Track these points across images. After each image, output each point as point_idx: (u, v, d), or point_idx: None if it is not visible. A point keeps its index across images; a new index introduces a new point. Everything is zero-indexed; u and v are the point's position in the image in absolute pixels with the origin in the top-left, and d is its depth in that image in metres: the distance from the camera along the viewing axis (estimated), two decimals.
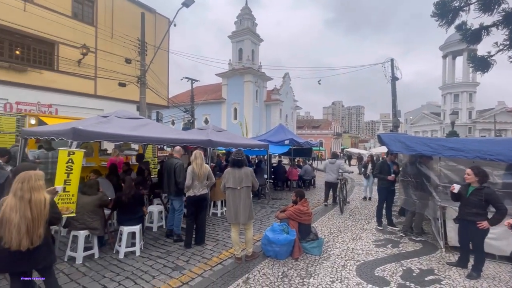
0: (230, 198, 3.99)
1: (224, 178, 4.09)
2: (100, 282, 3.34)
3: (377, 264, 4.03)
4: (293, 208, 4.48)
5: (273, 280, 3.49)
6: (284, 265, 3.93)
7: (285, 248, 4.08)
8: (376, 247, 4.77)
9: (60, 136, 4.37)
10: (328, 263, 4.05)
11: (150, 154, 10.34)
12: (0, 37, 10.88)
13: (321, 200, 9.09)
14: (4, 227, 2.21)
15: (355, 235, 5.42)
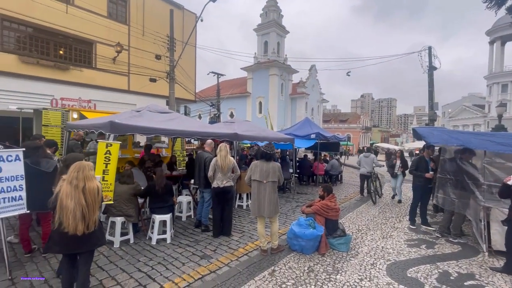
0: (255, 191, 4.01)
1: (251, 170, 4.10)
2: (135, 265, 3.57)
3: (409, 265, 3.83)
4: (320, 203, 4.40)
5: (299, 274, 3.48)
6: (310, 260, 3.89)
7: (312, 243, 4.03)
8: (409, 247, 4.52)
9: (99, 129, 4.69)
10: (356, 260, 3.93)
11: (178, 147, 10.74)
12: (46, 38, 11.88)
13: (348, 196, 8.83)
14: (62, 213, 2.44)
15: (385, 233, 5.19)
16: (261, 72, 35.96)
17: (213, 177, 4.65)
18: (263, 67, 35.44)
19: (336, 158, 11.82)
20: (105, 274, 3.32)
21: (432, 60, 13.31)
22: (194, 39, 16.48)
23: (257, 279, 3.33)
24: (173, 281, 3.22)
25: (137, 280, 3.20)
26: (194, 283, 3.19)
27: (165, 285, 3.12)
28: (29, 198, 3.32)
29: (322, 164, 10.85)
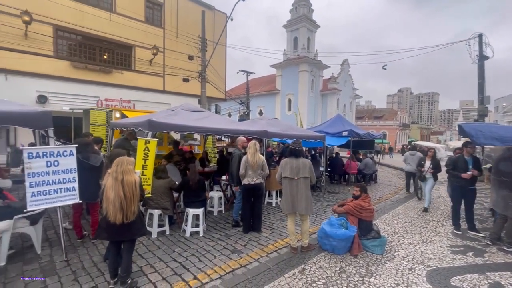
0: (287, 188, 3.98)
1: (281, 167, 4.09)
2: (171, 255, 3.79)
3: (453, 273, 3.53)
4: (353, 203, 4.24)
5: (330, 274, 3.40)
6: (342, 261, 3.78)
7: (343, 244, 3.91)
8: (453, 253, 4.17)
9: (139, 127, 5.03)
10: (392, 264, 3.73)
11: (210, 144, 11.09)
12: (92, 45, 13.01)
13: (383, 196, 8.38)
14: (106, 203, 2.71)
15: (425, 237, 4.83)
16: (290, 68, 35.48)
17: (244, 174, 4.73)
18: (292, 64, 34.92)
19: (371, 157, 11.24)
20: (144, 261, 3.58)
21: (483, 48, 11.97)
22: (224, 39, 16.82)
23: (287, 276, 3.33)
24: (206, 272, 3.35)
25: (173, 269, 3.39)
26: (225, 276, 3.29)
27: (198, 275, 3.27)
28: (79, 189, 3.70)
29: (355, 162, 10.42)
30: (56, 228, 4.59)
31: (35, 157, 3.22)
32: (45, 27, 11.25)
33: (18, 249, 3.75)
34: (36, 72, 11.10)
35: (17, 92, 10.32)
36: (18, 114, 3.18)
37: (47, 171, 3.31)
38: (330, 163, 10.61)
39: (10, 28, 10.33)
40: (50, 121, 3.44)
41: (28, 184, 3.18)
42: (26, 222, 3.55)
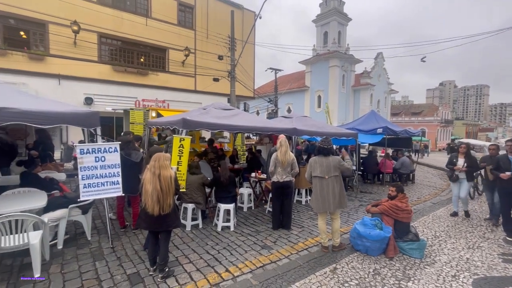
0: (318, 187, 3.91)
1: (310, 166, 4.02)
2: (204, 248, 3.96)
3: (505, 283, 3.21)
4: (388, 203, 4.04)
5: (363, 275, 3.30)
6: (376, 262, 3.63)
7: (378, 245, 3.75)
8: (505, 262, 3.77)
9: (173, 125, 5.31)
10: (432, 269, 3.49)
11: (239, 141, 11.28)
12: (131, 49, 13.95)
13: (422, 197, 7.84)
14: (145, 195, 2.92)
15: (471, 243, 4.44)
16: (320, 64, 34.56)
17: (274, 172, 4.76)
18: (322, 59, 33.98)
19: (408, 156, 10.55)
20: (180, 252, 3.79)
21: None
22: (253, 37, 16.92)
23: (318, 274, 3.30)
24: (237, 266, 3.45)
25: (206, 261, 3.54)
26: (256, 270, 3.35)
27: (230, 268, 3.38)
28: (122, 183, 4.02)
29: (391, 161, 9.87)
30: (102, 218, 5.05)
31: (86, 153, 3.58)
32: (91, 35, 12.31)
33: (72, 235, 4.20)
34: (83, 76, 12.23)
35: (68, 94, 11.47)
36: (71, 114, 3.55)
37: (96, 166, 3.66)
38: (363, 161, 10.18)
39: (62, 38, 11.49)
40: (98, 121, 3.79)
41: (80, 177, 3.56)
42: (79, 211, 3.97)
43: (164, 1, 14.53)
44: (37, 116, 3.14)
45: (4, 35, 11.04)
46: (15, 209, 3.11)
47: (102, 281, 3.01)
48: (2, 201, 3.53)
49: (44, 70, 11.41)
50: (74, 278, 3.05)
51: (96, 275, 3.12)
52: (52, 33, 11.46)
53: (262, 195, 6.58)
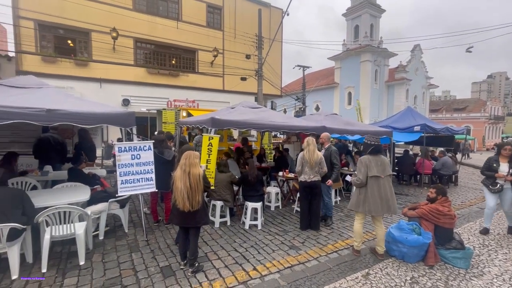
0: (375, 188, 3.53)
1: (366, 166, 3.58)
2: (232, 245, 4.01)
3: None
4: (428, 207, 3.73)
5: (399, 282, 3.09)
6: (413, 270, 3.38)
7: (416, 251, 3.49)
8: None
9: (203, 124, 5.45)
10: (480, 281, 3.16)
11: (266, 140, 11.25)
12: (163, 52, 14.62)
13: (467, 202, 7.15)
14: (175, 192, 3.03)
15: None
16: (351, 59, 33.18)
17: (301, 171, 4.67)
18: (353, 54, 32.57)
19: (450, 155, 9.68)
20: (209, 248, 3.88)
21: None
22: (280, 35, 16.77)
23: (349, 279, 3.16)
24: (265, 265, 3.44)
25: (234, 258, 3.58)
26: (284, 271, 3.31)
27: (257, 267, 3.38)
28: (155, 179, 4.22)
29: (430, 161, 9.15)
30: (138, 212, 5.36)
31: (123, 151, 3.82)
32: (127, 40, 13.14)
33: (111, 227, 4.51)
34: (121, 79, 13.11)
35: (108, 96, 12.37)
36: (110, 115, 3.81)
37: (132, 163, 3.89)
38: (398, 161, 9.57)
39: (102, 44, 12.42)
40: (134, 120, 4.02)
41: (118, 173, 3.80)
42: (117, 205, 4.25)
43: (193, 4, 15.00)
44: (83, 117, 3.42)
45: (55, 44, 12.24)
46: (63, 202, 3.42)
47: (138, 271, 3.19)
48: (53, 194, 3.91)
49: (88, 74, 12.44)
50: (113, 267, 3.28)
51: (132, 266, 3.32)
52: (94, 40, 12.45)
53: (289, 195, 6.50)
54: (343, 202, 6.73)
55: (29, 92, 3.80)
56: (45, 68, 11.54)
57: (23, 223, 2.97)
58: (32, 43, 11.42)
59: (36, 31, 11.53)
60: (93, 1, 12.31)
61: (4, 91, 3.66)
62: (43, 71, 11.23)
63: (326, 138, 5.13)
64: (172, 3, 14.67)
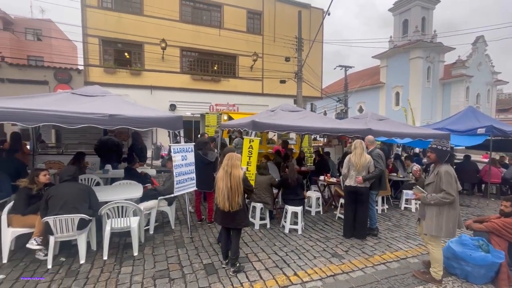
0: (457, 205, 3.03)
1: (454, 179, 2.99)
2: (272, 248, 3.99)
3: None
4: (500, 221, 3.23)
5: None
6: None
7: (483, 271, 3.04)
8: None
9: (244, 127, 5.56)
10: None
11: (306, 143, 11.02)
12: (205, 59, 15.38)
13: None
14: (217, 192, 3.14)
15: None
16: (399, 57, 30.75)
17: (346, 175, 4.46)
18: (401, 51, 30.12)
19: None
20: (249, 249, 3.92)
21: None
22: (321, 35, 16.38)
23: None
24: (306, 271, 3.34)
25: (274, 262, 3.56)
26: (327, 279, 3.18)
27: (298, 272, 3.30)
28: (199, 180, 4.43)
29: (498, 168, 7.96)
30: (183, 210, 5.68)
31: (177, 152, 4.11)
32: (174, 50, 14.14)
33: (160, 223, 4.85)
34: (168, 86, 14.14)
35: (157, 102, 13.45)
36: (161, 119, 4.13)
37: (182, 164, 4.15)
38: (457, 168, 8.51)
39: (153, 54, 13.58)
40: (181, 124, 4.29)
41: (175, 173, 4.09)
42: (165, 202, 4.56)
43: (234, 11, 15.52)
44: (139, 121, 3.77)
45: (114, 57, 13.78)
46: (121, 197, 3.79)
47: (183, 267, 3.37)
48: (112, 190, 4.37)
49: (140, 82, 13.71)
50: (162, 260, 3.52)
51: (179, 261, 3.51)
52: (146, 51, 13.69)
53: (331, 200, 6.25)
54: (391, 210, 6.23)
55: (95, 100, 4.32)
56: (107, 78, 13.05)
57: (90, 215, 3.37)
58: (97, 57, 13.03)
59: (99, 46, 13.14)
60: (145, 16, 13.56)
61: (76, 100, 4.23)
62: (105, 81, 12.71)
63: (370, 141, 4.81)
64: (214, 12, 15.40)
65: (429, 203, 3.06)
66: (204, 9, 15.29)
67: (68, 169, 3.58)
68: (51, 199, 3.21)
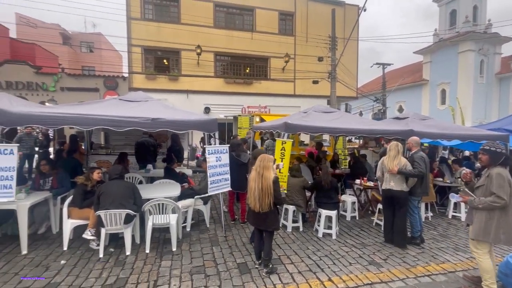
0: (510, 211, 2.76)
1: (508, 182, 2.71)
2: (305, 251, 3.93)
3: None
4: None
5: None
6: None
7: None
8: None
9: (276, 129, 5.59)
10: None
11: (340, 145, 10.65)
12: (238, 62, 15.73)
13: None
14: (249, 192, 3.21)
15: None
16: (445, 51, 28.11)
17: (381, 178, 4.26)
18: (448, 45, 27.51)
19: None
20: (282, 251, 3.91)
21: None
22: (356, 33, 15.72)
23: None
24: (341, 277, 3.24)
25: (308, 266, 3.51)
26: (363, 287, 3.04)
27: (333, 278, 3.21)
28: (232, 180, 4.54)
29: None
30: (217, 209, 5.87)
31: (211, 153, 4.29)
32: (209, 55, 14.71)
33: (196, 221, 5.08)
34: (203, 90, 14.74)
35: (193, 105, 14.08)
36: (198, 121, 4.34)
37: (216, 165, 4.32)
38: None
39: (189, 60, 14.28)
40: (216, 126, 4.47)
41: (209, 174, 4.28)
42: (201, 201, 4.77)
43: (266, 13, 15.65)
44: (178, 124, 4.03)
45: (155, 64, 14.80)
46: (161, 195, 4.06)
47: (218, 264, 3.49)
48: (153, 189, 4.69)
49: (177, 87, 14.51)
50: (198, 257, 3.68)
51: (214, 258, 3.65)
52: (183, 57, 14.45)
53: (368, 205, 5.95)
54: (437, 218, 5.75)
55: (139, 105, 4.70)
56: (148, 84, 14.05)
57: (135, 211, 3.67)
58: (139, 65, 14.12)
59: (142, 55, 14.21)
60: (182, 24, 14.33)
61: (123, 105, 4.64)
62: (146, 86, 13.69)
63: (413, 143, 4.47)
64: (247, 16, 15.70)
65: (476, 207, 2.83)
66: (237, 13, 15.66)
67: (116, 168, 3.94)
68: (102, 195, 3.57)
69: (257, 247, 3.45)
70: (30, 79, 13.07)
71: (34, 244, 3.87)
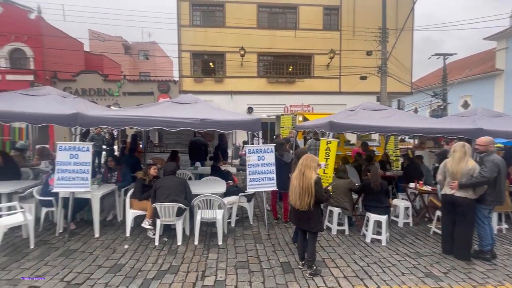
0: None
1: None
2: (351, 256, 3.76)
3: None
4: None
5: None
6: None
7: None
8: None
9: (320, 128, 5.44)
10: None
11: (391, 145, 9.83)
12: (280, 61, 15.69)
13: None
14: (291, 188, 3.23)
15: None
16: None
17: (442, 182, 3.83)
18: None
19: None
20: (326, 254, 3.81)
21: None
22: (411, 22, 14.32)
23: None
24: (392, 287, 3.02)
25: (354, 271, 3.35)
26: None
27: (382, 287, 3.01)
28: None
29: None
30: (260, 208, 5.98)
31: (252, 152, 4.39)
32: (252, 56, 14.98)
33: (240, 217, 5.25)
34: (246, 90, 15.09)
35: (236, 105, 14.54)
36: (243, 121, 4.49)
37: (258, 163, 4.41)
38: None
39: (233, 62, 14.76)
40: (259, 126, 4.55)
41: (248, 172, 4.40)
42: (245, 199, 4.92)
43: (310, 9, 15.27)
44: (224, 124, 4.24)
45: (202, 68, 15.67)
46: (209, 191, 4.30)
47: (261, 261, 3.56)
48: (202, 185, 5.00)
49: (222, 89, 15.12)
50: (242, 252, 3.81)
51: (257, 255, 3.73)
52: (227, 60, 15.00)
53: (424, 211, 5.39)
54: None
55: (189, 106, 5.04)
56: (196, 86, 14.96)
57: (185, 205, 3.97)
58: (188, 69, 15.11)
59: (190, 59, 15.18)
60: (227, 28, 14.88)
61: (175, 107, 5.04)
62: (195, 89, 14.59)
63: (485, 144, 3.87)
64: (290, 14, 15.54)
65: None
66: (280, 12, 15.62)
67: (170, 165, 4.31)
68: (158, 189, 3.94)
69: (301, 248, 3.42)
70: (100, 86, 15.03)
71: (104, 229, 4.47)
